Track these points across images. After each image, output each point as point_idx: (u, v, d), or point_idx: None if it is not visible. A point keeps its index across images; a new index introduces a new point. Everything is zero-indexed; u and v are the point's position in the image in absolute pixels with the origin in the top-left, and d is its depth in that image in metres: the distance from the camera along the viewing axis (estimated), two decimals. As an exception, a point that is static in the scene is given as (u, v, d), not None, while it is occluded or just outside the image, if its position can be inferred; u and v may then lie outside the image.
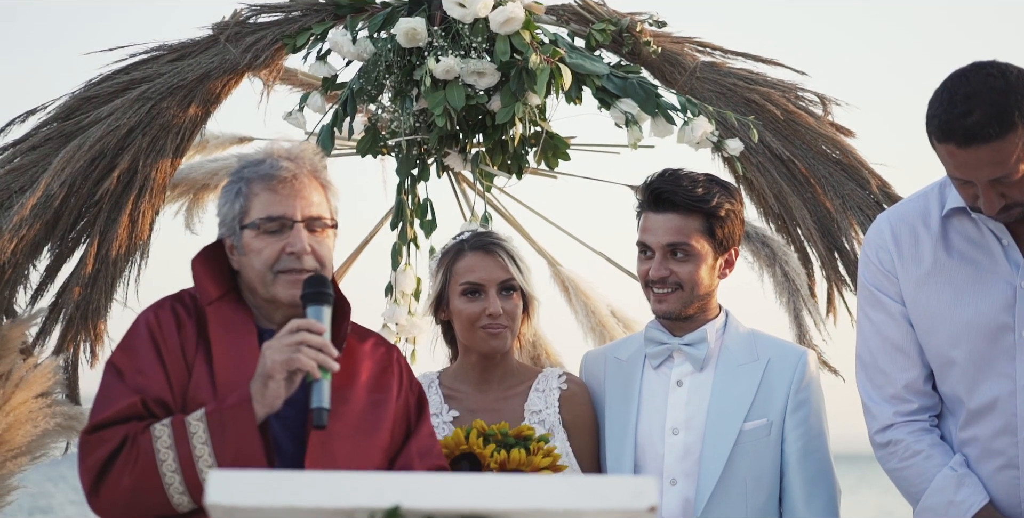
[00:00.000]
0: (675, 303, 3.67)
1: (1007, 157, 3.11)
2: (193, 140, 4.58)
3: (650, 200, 3.68)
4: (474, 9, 4.30)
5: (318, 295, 3.08)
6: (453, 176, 4.70)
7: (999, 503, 3.32)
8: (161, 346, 3.10)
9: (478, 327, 3.72)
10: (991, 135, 3.09)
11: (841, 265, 4.56)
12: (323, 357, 2.98)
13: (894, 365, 3.42)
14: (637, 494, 2.11)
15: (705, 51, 4.64)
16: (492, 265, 3.73)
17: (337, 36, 4.46)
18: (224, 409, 2.99)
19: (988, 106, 3.09)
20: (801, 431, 3.64)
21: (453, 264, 3.77)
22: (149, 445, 2.98)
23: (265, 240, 3.12)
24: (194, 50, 4.55)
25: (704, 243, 3.65)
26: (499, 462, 3.48)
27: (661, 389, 3.69)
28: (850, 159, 4.56)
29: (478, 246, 3.76)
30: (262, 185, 3.13)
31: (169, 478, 2.97)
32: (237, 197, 3.15)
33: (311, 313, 3.05)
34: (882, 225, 3.47)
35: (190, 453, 2.97)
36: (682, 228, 3.64)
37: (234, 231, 3.15)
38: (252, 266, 3.13)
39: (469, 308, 3.72)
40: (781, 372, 3.66)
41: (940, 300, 3.35)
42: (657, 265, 3.65)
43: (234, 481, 2.11)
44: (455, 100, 4.30)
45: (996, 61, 3.17)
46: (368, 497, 2.08)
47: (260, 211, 3.12)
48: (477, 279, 3.73)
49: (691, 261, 3.65)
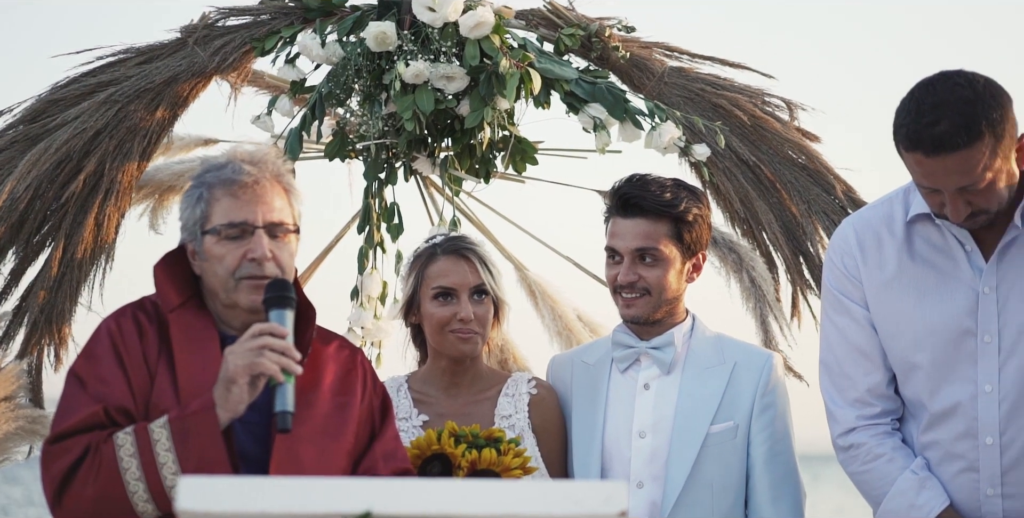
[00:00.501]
0: (643, 308, 3.68)
1: (974, 166, 3.13)
2: (160, 143, 4.56)
3: (618, 205, 3.69)
4: (444, 13, 4.30)
5: (280, 299, 3.06)
6: (421, 180, 4.70)
7: (959, 506, 3.35)
8: (123, 354, 3.08)
9: (449, 331, 3.72)
10: (959, 144, 3.11)
11: (806, 269, 4.58)
12: (286, 361, 2.97)
13: (857, 369, 3.44)
14: (608, 499, 2.12)
15: (673, 55, 4.66)
16: (465, 270, 3.73)
17: (306, 40, 4.45)
18: (187, 416, 2.97)
19: (956, 115, 3.11)
20: (767, 434, 3.65)
21: (425, 268, 3.77)
22: (112, 454, 2.96)
23: (226, 246, 3.10)
24: (162, 53, 4.53)
25: (672, 248, 3.67)
26: (470, 461, 3.48)
27: (628, 392, 3.71)
28: (816, 164, 4.58)
29: (451, 250, 3.76)
30: (223, 190, 3.11)
31: (133, 486, 2.96)
32: (198, 202, 3.13)
33: (273, 317, 3.04)
34: (847, 230, 3.49)
35: (154, 461, 2.95)
36: (650, 233, 3.66)
37: (195, 236, 3.13)
38: (214, 272, 3.12)
39: (441, 312, 3.72)
40: (747, 375, 3.68)
41: (904, 305, 3.38)
42: (626, 270, 3.66)
43: (205, 487, 2.11)
44: (424, 104, 4.30)
45: (963, 70, 3.20)
46: (340, 503, 2.08)
47: (221, 217, 3.10)
48: (450, 283, 3.72)
49: (659, 266, 3.66)
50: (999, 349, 3.30)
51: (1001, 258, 3.31)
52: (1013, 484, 3.31)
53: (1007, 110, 3.17)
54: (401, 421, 3.70)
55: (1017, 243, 3.31)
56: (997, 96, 3.16)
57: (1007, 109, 3.17)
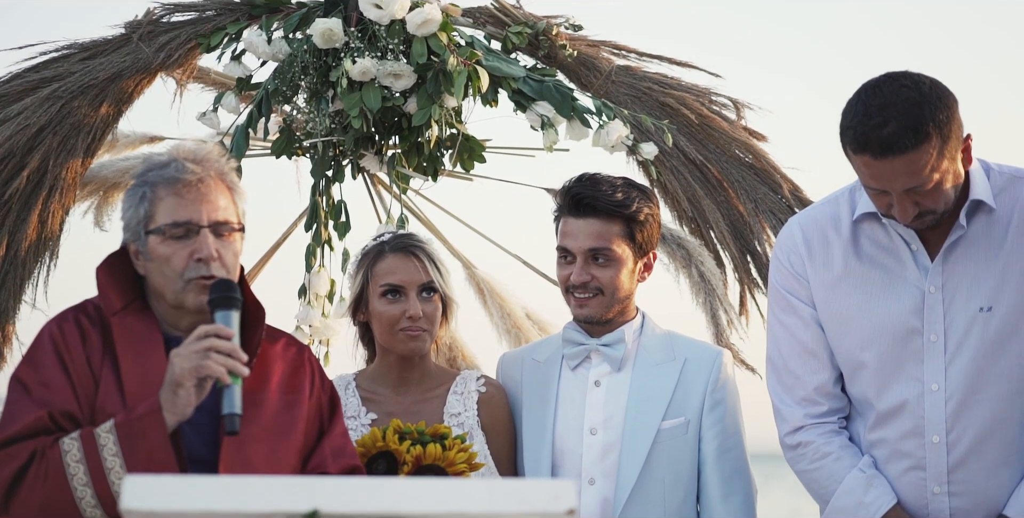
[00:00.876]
0: (596, 308, 3.69)
1: (922, 167, 3.15)
2: (105, 139, 4.52)
3: (570, 205, 3.69)
4: (391, 10, 4.29)
5: (225, 300, 3.04)
6: (369, 178, 4.68)
7: (906, 504, 3.37)
8: (66, 358, 3.05)
9: (398, 329, 3.70)
10: (906, 146, 3.12)
11: (754, 268, 4.60)
12: (232, 362, 2.95)
13: (805, 368, 3.46)
14: (556, 497, 2.11)
15: (621, 54, 4.67)
16: (413, 267, 3.72)
17: (252, 36, 4.43)
18: (133, 419, 2.94)
19: (903, 117, 3.13)
20: (718, 430, 3.67)
21: (373, 265, 3.75)
22: (59, 459, 2.93)
23: (172, 246, 3.07)
24: (106, 49, 4.49)
25: (625, 247, 3.68)
26: (415, 457, 3.47)
27: (579, 390, 3.71)
28: (762, 163, 4.61)
29: (399, 248, 3.75)
30: (167, 189, 3.07)
31: (80, 492, 2.93)
32: (142, 201, 3.09)
33: (219, 318, 3.01)
34: (793, 229, 3.50)
35: (101, 465, 2.92)
36: (603, 233, 3.66)
37: (139, 236, 3.10)
38: (160, 273, 3.09)
39: (389, 310, 3.71)
40: (698, 371, 3.69)
41: (851, 304, 3.40)
42: (579, 270, 3.67)
43: (150, 486, 2.09)
44: (371, 102, 4.28)
45: (909, 71, 3.22)
46: (286, 501, 2.06)
47: (165, 216, 3.07)
48: (398, 281, 3.71)
49: (612, 266, 3.67)
50: (945, 348, 3.32)
51: (947, 257, 3.33)
52: (959, 482, 3.33)
53: (953, 111, 3.18)
54: (349, 419, 3.68)
55: (962, 242, 3.33)
56: (943, 97, 3.18)
57: (953, 110, 3.18)
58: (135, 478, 2.08)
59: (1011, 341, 3.31)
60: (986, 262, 3.32)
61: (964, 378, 3.31)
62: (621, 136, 4.39)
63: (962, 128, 3.21)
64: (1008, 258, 3.31)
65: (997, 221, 3.32)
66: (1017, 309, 3.31)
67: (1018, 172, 3.38)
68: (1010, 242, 3.32)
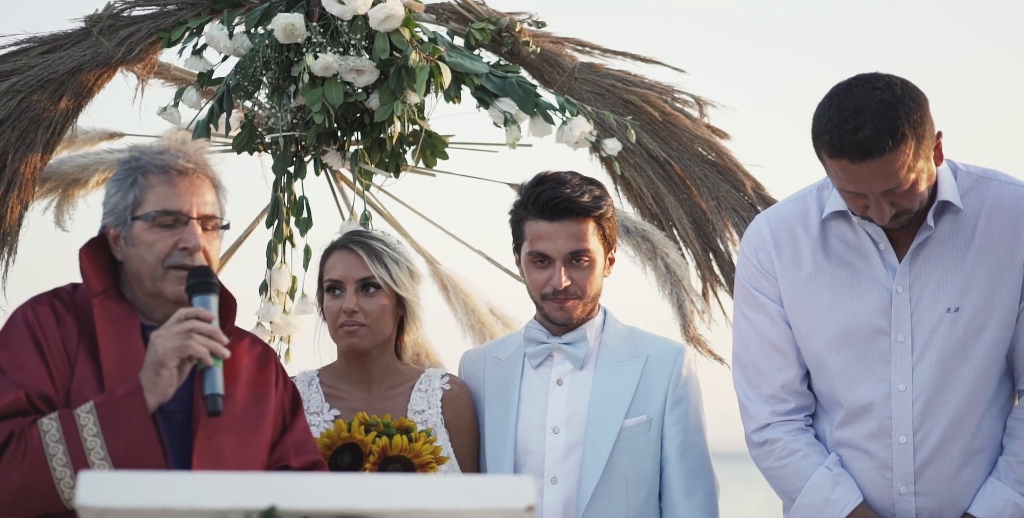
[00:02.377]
0: (575, 310, 3.68)
1: (899, 168, 3.15)
2: (64, 134, 4.50)
3: (542, 209, 3.65)
4: (353, 6, 4.27)
5: (204, 284, 3.05)
6: (331, 174, 4.67)
7: (872, 503, 3.38)
8: (41, 341, 3.04)
9: (337, 325, 3.72)
10: (883, 148, 3.12)
11: (716, 265, 4.61)
12: (214, 344, 2.97)
13: (771, 365, 3.46)
14: (515, 493, 2.11)
15: (584, 51, 4.67)
16: (352, 262, 3.73)
17: (213, 31, 4.40)
18: (115, 400, 2.94)
19: (878, 120, 3.12)
20: (680, 427, 3.67)
21: (324, 262, 3.80)
22: (37, 440, 2.91)
23: (158, 233, 3.08)
24: (66, 42, 4.47)
25: (597, 244, 3.68)
26: (381, 448, 3.47)
27: (541, 388, 3.70)
28: (725, 161, 4.61)
29: (343, 244, 3.78)
30: (160, 177, 3.09)
31: (59, 472, 2.91)
32: (132, 187, 3.10)
33: (198, 302, 3.03)
34: (761, 226, 3.50)
35: (81, 446, 2.91)
36: (580, 234, 3.65)
37: (124, 221, 3.10)
38: (141, 258, 3.09)
39: (330, 305, 3.75)
40: (660, 369, 3.69)
41: (819, 302, 3.40)
42: (559, 274, 3.63)
43: (105, 482, 2.07)
44: (333, 97, 4.27)
45: (879, 73, 3.22)
46: (243, 497, 2.05)
47: (156, 203, 3.08)
48: (337, 276, 3.75)
49: (590, 268, 3.67)
50: (912, 348, 3.33)
51: (915, 257, 3.34)
52: (926, 482, 3.34)
53: (925, 110, 3.19)
54: (312, 416, 3.67)
55: (930, 243, 3.34)
56: (915, 97, 3.18)
57: (925, 109, 3.19)
58: (89, 474, 2.06)
59: (977, 341, 3.32)
60: (953, 263, 3.33)
61: (931, 378, 3.32)
62: (584, 133, 4.39)
63: (934, 126, 3.22)
64: (975, 259, 3.32)
65: (964, 221, 3.33)
66: (983, 310, 3.32)
67: (985, 172, 3.39)
68: (977, 243, 3.33)
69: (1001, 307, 3.31)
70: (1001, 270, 3.31)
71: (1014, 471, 3.32)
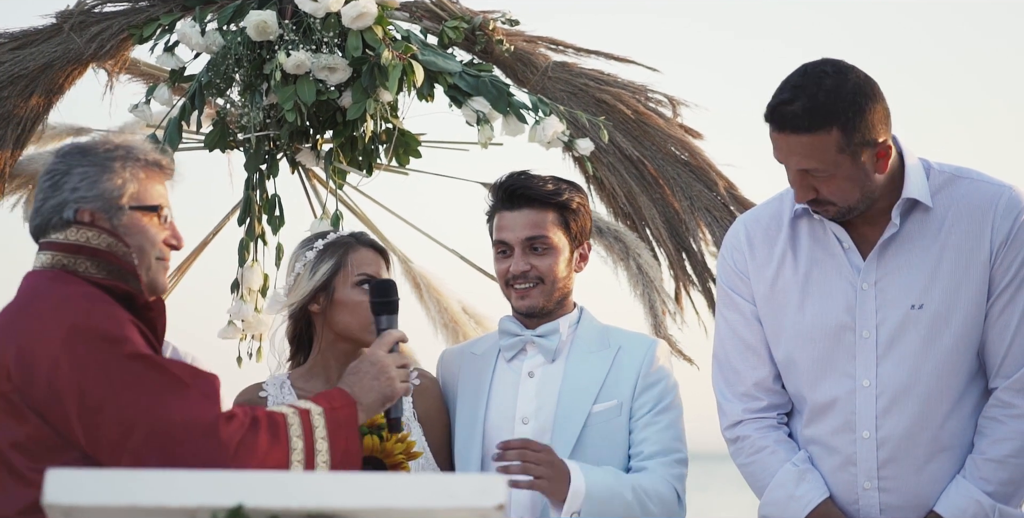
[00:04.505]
0: (538, 297, 3.70)
1: (815, 153, 3.21)
2: (35, 131, 4.48)
3: (503, 199, 3.72)
4: (326, 4, 4.26)
5: (390, 305, 3.32)
6: (304, 172, 4.66)
7: (839, 499, 3.39)
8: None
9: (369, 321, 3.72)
10: (800, 127, 3.20)
11: (689, 265, 4.61)
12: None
13: (745, 363, 3.48)
14: (485, 492, 2.10)
15: (558, 49, 4.67)
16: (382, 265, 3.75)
17: (185, 28, 4.39)
18: (337, 409, 3.03)
19: (808, 100, 3.20)
20: (650, 406, 3.66)
21: (346, 255, 3.73)
22: (285, 430, 2.95)
23: (156, 226, 3.06)
24: (37, 39, 4.45)
25: (560, 235, 3.71)
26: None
27: (512, 381, 3.72)
28: (698, 161, 4.62)
29: (371, 244, 3.78)
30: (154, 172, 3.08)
31: (295, 467, 2.95)
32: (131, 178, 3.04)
33: (387, 322, 3.31)
34: (738, 227, 3.55)
35: (313, 446, 2.97)
36: (539, 222, 3.69)
37: (114, 206, 3.04)
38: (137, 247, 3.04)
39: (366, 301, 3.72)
40: (631, 358, 3.70)
41: (788, 300, 3.42)
42: (517, 260, 3.69)
43: (72, 479, 2.06)
44: (306, 95, 4.26)
45: (845, 62, 3.26)
46: (211, 496, 2.04)
47: (151, 198, 3.05)
48: (374, 272, 3.72)
49: (550, 254, 3.69)
50: (876, 344, 3.35)
51: (881, 254, 3.36)
52: (889, 478, 3.36)
53: (867, 113, 3.21)
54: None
55: (896, 241, 3.36)
56: (861, 97, 3.21)
57: (868, 112, 3.21)
58: (57, 472, 2.05)
59: (941, 338, 3.34)
60: (920, 260, 3.35)
61: (895, 374, 3.34)
62: (557, 132, 4.39)
63: (879, 132, 3.24)
64: (941, 255, 3.34)
65: (933, 219, 3.36)
66: (948, 306, 3.34)
67: (958, 171, 3.41)
68: (944, 240, 3.35)
69: (966, 303, 3.34)
70: (966, 266, 3.34)
71: (979, 469, 3.34)
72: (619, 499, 3.55)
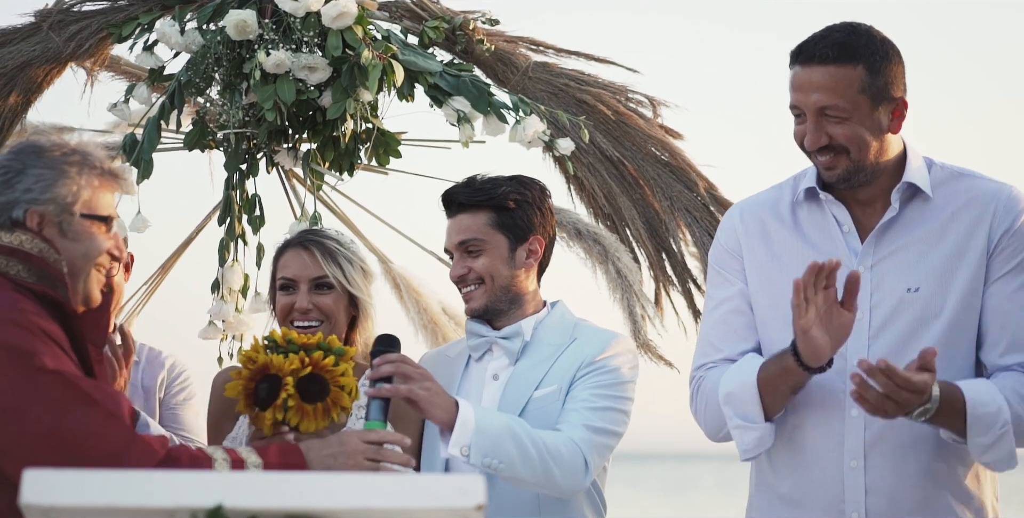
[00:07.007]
0: (482, 298, 3.71)
1: (839, 87, 3.26)
2: (13, 130, 4.46)
3: (444, 208, 3.76)
4: (306, 3, 4.25)
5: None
6: (283, 172, 4.65)
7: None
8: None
9: (288, 322, 3.72)
10: (828, 58, 3.27)
11: (669, 266, 4.61)
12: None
13: (722, 340, 3.49)
14: (464, 492, 2.10)
15: (538, 50, 4.67)
16: (305, 261, 3.73)
17: (165, 27, 4.37)
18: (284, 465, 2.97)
19: (841, 36, 3.30)
20: (586, 389, 3.62)
21: (277, 260, 3.79)
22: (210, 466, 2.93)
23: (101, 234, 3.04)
24: (15, 37, 4.43)
25: (496, 235, 3.70)
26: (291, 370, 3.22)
27: (478, 382, 3.73)
28: (678, 161, 4.63)
29: (297, 242, 3.77)
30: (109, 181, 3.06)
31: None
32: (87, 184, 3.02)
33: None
34: (733, 211, 3.58)
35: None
36: (470, 225, 3.70)
37: (67, 212, 3.03)
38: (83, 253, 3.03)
39: (282, 303, 3.75)
40: (582, 348, 3.69)
41: (784, 284, 3.42)
42: (455, 265, 3.73)
43: (50, 480, 2.05)
44: (285, 94, 4.25)
45: (873, 27, 3.36)
46: (190, 496, 2.04)
47: (103, 208, 3.04)
48: (291, 274, 3.74)
49: (483, 255, 3.70)
50: (869, 325, 3.37)
51: (879, 238, 3.39)
52: (876, 457, 3.36)
53: (892, 64, 3.31)
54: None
55: (895, 225, 3.39)
56: (887, 49, 3.32)
57: (893, 63, 3.31)
58: (35, 472, 2.04)
59: (934, 322, 3.36)
60: (917, 245, 3.38)
61: (886, 356, 3.34)
62: (537, 131, 4.39)
63: (898, 88, 3.32)
64: (938, 242, 3.37)
65: (933, 211, 3.39)
66: (942, 292, 3.36)
67: (963, 170, 3.46)
68: (942, 227, 3.38)
69: (960, 290, 3.36)
70: (961, 252, 3.36)
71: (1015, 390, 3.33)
72: (515, 443, 3.45)
